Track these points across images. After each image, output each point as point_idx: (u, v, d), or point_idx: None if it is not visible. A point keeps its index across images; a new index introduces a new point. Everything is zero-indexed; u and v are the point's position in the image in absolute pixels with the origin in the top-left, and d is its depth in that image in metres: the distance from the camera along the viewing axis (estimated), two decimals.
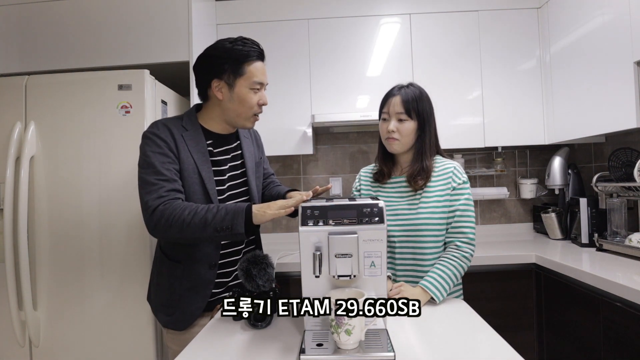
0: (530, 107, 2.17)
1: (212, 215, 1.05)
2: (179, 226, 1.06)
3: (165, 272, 1.25)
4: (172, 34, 1.80)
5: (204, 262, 1.20)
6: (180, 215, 1.06)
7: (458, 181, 1.21)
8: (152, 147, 1.14)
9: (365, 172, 1.39)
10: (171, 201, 1.09)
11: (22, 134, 1.58)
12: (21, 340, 1.55)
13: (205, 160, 1.20)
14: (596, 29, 1.75)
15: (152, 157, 1.13)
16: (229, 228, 1.05)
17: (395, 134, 1.21)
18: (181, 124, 1.21)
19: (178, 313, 1.22)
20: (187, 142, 1.18)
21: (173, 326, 1.23)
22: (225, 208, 1.07)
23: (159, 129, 1.17)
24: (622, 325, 1.31)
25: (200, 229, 1.05)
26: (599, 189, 1.88)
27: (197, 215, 1.06)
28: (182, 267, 1.21)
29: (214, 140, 1.25)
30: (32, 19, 1.84)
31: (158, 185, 1.10)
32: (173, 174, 1.14)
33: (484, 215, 2.48)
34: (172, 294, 1.22)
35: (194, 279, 1.20)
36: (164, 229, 1.08)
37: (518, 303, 1.85)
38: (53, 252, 1.58)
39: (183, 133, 1.19)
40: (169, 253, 1.25)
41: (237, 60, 1.17)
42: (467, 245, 1.18)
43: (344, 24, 2.20)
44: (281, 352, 0.85)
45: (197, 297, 1.21)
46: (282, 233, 2.49)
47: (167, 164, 1.13)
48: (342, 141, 2.52)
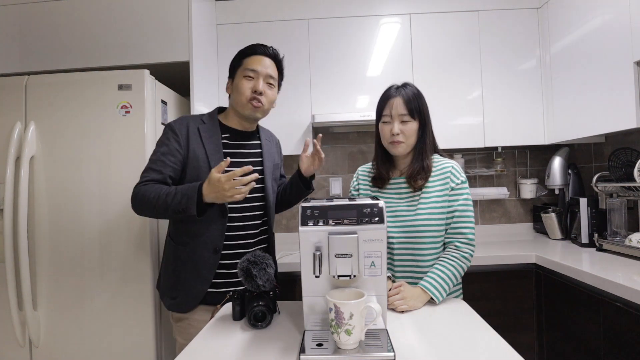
0: (530, 107, 2.17)
1: (171, 199, 1.18)
2: (148, 207, 1.21)
3: (171, 255, 1.33)
4: (172, 34, 1.80)
5: (209, 246, 1.28)
6: (147, 197, 1.20)
7: (456, 181, 1.20)
8: (163, 139, 1.30)
9: (362, 171, 1.37)
10: (146, 186, 1.23)
11: (22, 134, 1.58)
12: (21, 340, 1.55)
13: (217, 150, 1.31)
14: (596, 29, 1.75)
15: (158, 148, 1.29)
16: (184, 210, 1.17)
17: (400, 137, 1.20)
18: (201, 118, 1.36)
19: (181, 296, 1.29)
20: (202, 134, 1.31)
21: (176, 308, 1.30)
22: (181, 192, 1.19)
23: (176, 122, 1.33)
24: (622, 325, 1.31)
25: (164, 210, 1.19)
26: (599, 189, 1.88)
27: (159, 198, 1.19)
28: (187, 250, 1.29)
29: (230, 135, 1.36)
30: (32, 19, 1.84)
31: (148, 173, 1.26)
32: (166, 166, 1.26)
33: (484, 215, 2.48)
34: (178, 277, 1.30)
35: (196, 262, 1.28)
36: (139, 208, 1.24)
37: (518, 303, 1.84)
38: (53, 252, 1.58)
39: (199, 126, 1.32)
40: (174, 237, 1.34)
41: (238, 56, 1.35)
42: (466, 246, 1.18)
43: (344, 24, 2.20)
44: (281, 352, 0.85)
45: (199, 279, 1.28)
46: (282, 233, 2.49)
47: (166, 155, 1.26)
48: (342, 141, 2.52)
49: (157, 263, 1.61)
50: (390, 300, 1.05)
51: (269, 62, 1.34)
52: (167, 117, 1.76)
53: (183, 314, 1.30)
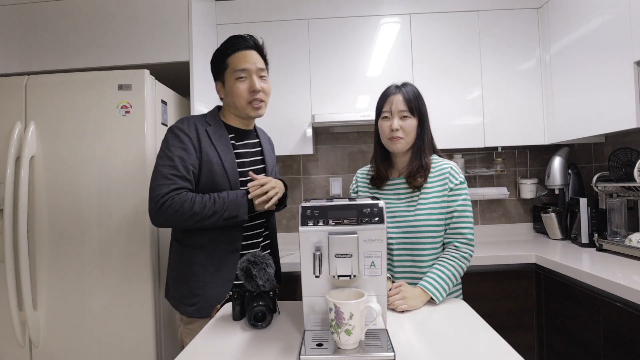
0: (530, 107, 2.17)
1: (220, 207, 1.18)
2: (188, 218, 1.17)
3: (186, 261, 1.28)
4: (172, 34, 1.80)
5: (228, 246, 1.26)
6: (191, 208, 1.17)
7: (455, 182, 1.20)
8: (175, 142, 1.23)
9: (361, 173, 1.38)
10: (179, 196, 1.18)
11: (22, 134, 1.58)
12: (21, 340, 1.55)
13: (229, 151, 1.28)
14: (596, 29, 1.75)
15: (173, 152, 1.22)
16: (235, 217, 1.19)
17: (399, 132, 1.21)
18: (205, 119, 1.31)
19: (202, 300, 1.25)
20: (211, 136, 1.27)
21: (199, 314, 1.25)
22: (231, 200, 1.20)
23: (183, 124, 1.27)
24: (622, 325, 1.31)
25: (211, 220, 1.18)
26: (599, 189, 1.88)
27: (206, 208, 1.17)
28: (205, 253, 1.26)
29: (235, 135, 1.34)
30: (32, 19, 1.84)
31: (172, 180, 1.19)
32: (189, 172, 1.22)
33: (484, 215, 2.48)
34: (196, 283, 1.26)
35: (217, 263, 1.26)
36: (170, 220, 1.19)
37: (518, 303, 1.85)
38: (53, 252, 1.58)
39: (207, 128, 1.28)
40: (188, 242, 1.29)
41: (220, 58, 1.29)
42: (466, 246, 1.18)
43: (344, 24, 2.20)
44: (281, 352, 0.85)
45: (222, 281, 1.25)
46: (282, 233, 2.48)
47: (186, 160, 1.21)
48: (342, 141, 2.52)
49: (157, 263, 1.61)
50: (391, 300, 1.06)
51: (255, 55, 1.29)
52: (167, 117, 1.76)
53: (204, 319, 1.23)
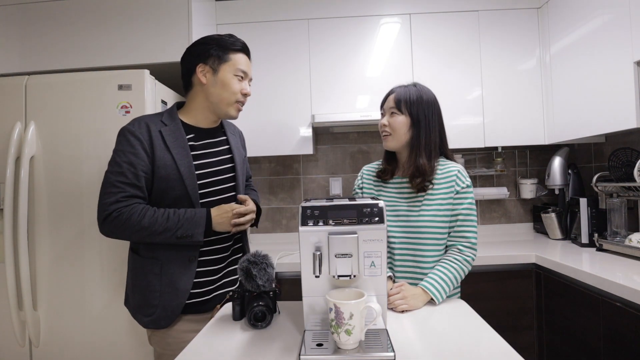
0: (530, 107, 2.17)
1: (174, 225, 1.13)
2: (132, 230, 1.12)
3: (141, 271, 1.21)
4: (172, 34, 1.80)
5: (183, 257, 1.19)
6: (139, 223, 1.11)
7: (462, 185, 1.20)
8: (125, 146, 1.16)
9: (367, 169, 1.37)
10: (128, 207, 1.13)
11: (22, 134, 1.58)
12: (21, 340, 1.55)
13: (185, 154, 1.20)
14: (596, 29, 1.75)
15: (122, 157, 1.15)
16: (188, 237, 1.14)
17: (387, 128, 1.24)
18: (160, 119, 1.23)
19: (159, 311, 1.18)
20: (166, 138, 1.19)
21: (154, 325, 1.19)
22: (186, 218, 1.14)
23: (134, 125, 1.19)
24: (622, 325, 1.31)
25: (161, 238, 1.13)
26: (599, 189, 1.88)
27: (157, 224, 1.12)
28: (159, 263, 1.19)
29: (195, 135, 1.26)
30: (32, 19, 1.84)
31: (119, 188, 1.13)
32: (139, 178, 1.15)
33: (484, 215, 2.48)
34: (151, 293, 1.19)
35: (172, 274, 1.18)
36: (116, 232, 1.14)
37: (518, 303, 1.85)
38: (53, 252, 1.58)
39: (161, 128, 1.20)
40: (143, 252, 1.22)
41: (223, 47, 1.24)
42: (469, 250, 1.18)
43: (344, 24, 2.20)
44: (281, 352, 0.85)
45: (177, 292, 1.18)
46: (282, 233, 2.49)
47: (136, 166, 1.14)
48: (342, 141, 2.52)
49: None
50: (391, 299, 1.06)
51: (249, 62, 1.30)
52: None
53: (163, 329, 1.20)
